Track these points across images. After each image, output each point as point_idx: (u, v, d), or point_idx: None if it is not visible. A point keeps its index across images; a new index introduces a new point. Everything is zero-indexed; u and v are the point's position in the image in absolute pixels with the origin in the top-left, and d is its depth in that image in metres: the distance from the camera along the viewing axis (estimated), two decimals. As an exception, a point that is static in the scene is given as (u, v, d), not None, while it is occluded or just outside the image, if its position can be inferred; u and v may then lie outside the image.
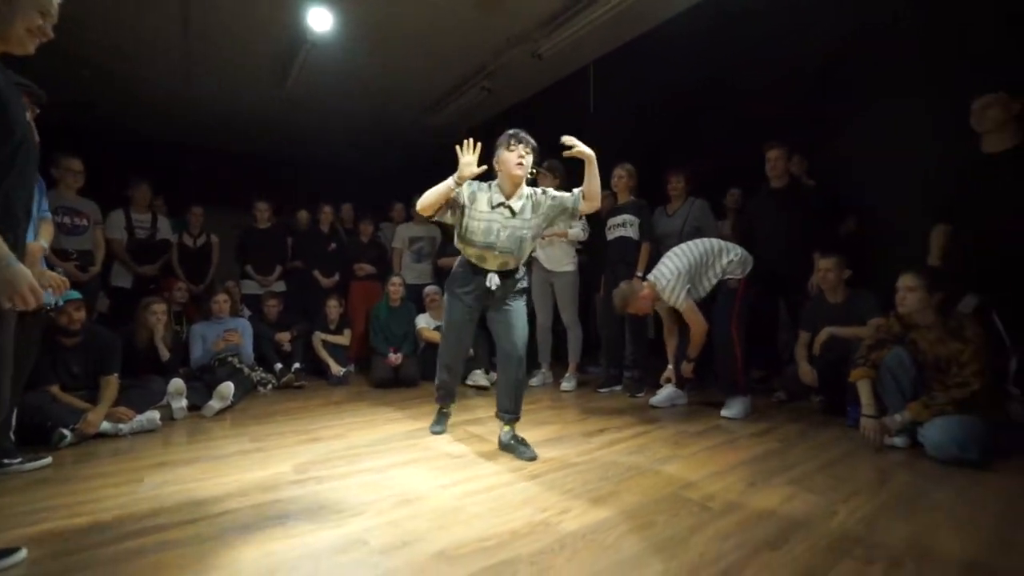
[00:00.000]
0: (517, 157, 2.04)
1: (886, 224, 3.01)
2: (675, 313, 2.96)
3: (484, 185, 2.15)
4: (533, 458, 2.04)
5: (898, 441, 2.12)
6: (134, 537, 1.39)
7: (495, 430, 2.41)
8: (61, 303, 2.05)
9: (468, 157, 2.01)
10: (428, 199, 2.05)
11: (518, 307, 2.20)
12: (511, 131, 2.09)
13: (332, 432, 2.51)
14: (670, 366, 3.04)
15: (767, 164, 3.08)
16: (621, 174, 3.48)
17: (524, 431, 2.31)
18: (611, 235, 3.53)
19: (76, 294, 2.46)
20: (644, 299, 2.72)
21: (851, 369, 2.27)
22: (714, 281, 2.79)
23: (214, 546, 1.34)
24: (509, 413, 2.19)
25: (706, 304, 2.84)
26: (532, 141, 2.09)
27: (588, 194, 2.09)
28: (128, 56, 4.31)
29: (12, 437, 2.02)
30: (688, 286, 2.70)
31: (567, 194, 2.15)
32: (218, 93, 5.06)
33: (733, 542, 1.34)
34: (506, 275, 2.18)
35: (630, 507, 1.57)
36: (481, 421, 2.71)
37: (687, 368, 2.87)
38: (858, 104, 3.28)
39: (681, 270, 2.70)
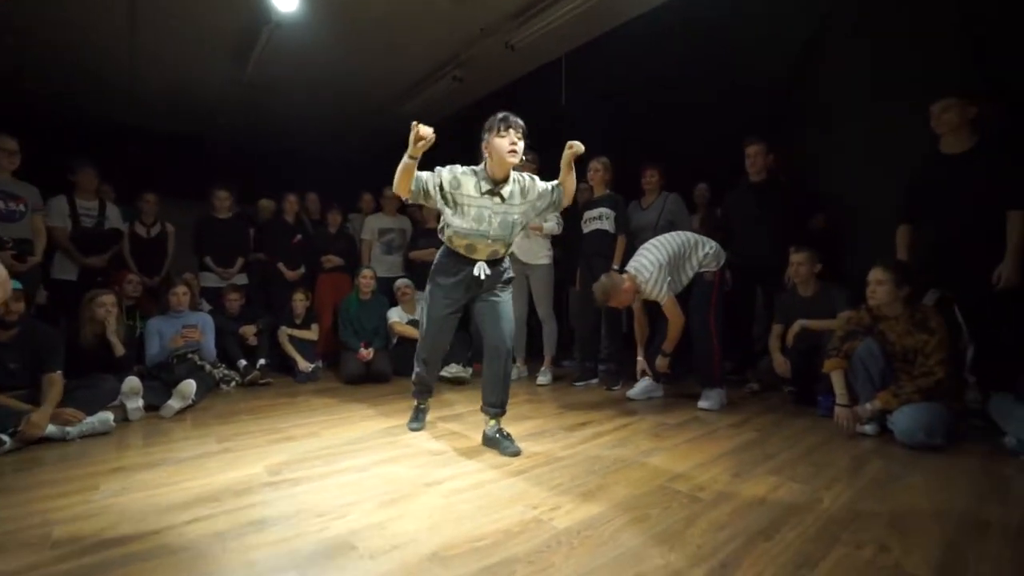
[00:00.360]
0: (509, 144, 1.94)
1: (853, 220, 3.13)
2: (647, 306, 2.98)
3: (467, 170, 2.06)
4: (517, 453, 2.00)
5: (869, 429, 2.20)
6: (93, 551, 1.27)
7: (475, 425, 2.38)
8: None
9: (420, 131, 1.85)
10: (396, 179, 1.96)
11: (505, 298, 2.16)
12: (501, 115, 2.00)
13: (305, 431, 2.39)
14: (640, 358, 3.04)
15: (747, 159, 3.13)
16: (597, 167, 3.47)
17: (505, 426, 2.27)
18: (587, 228, 3.52)
19: (18, 284, 2.27)
20: (626, 292, 2.71)
21: (824, 360, 2.34)
22: (691, 274, 2.83)
23: (186, 557, 1.23)
24: (495, 407, 2.14)
25: (681, 297, 2.87)
26: (523, 125, 2.00)
27: (567, 191, 2.10)
28: (66, 22, 3.96)
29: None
30: (669, 279, 2.72)
31: (549, 185, 2.13)
32: (172, 71, 4.73)
33: (727, 533, 1.34)
34: (494, 263, 2.12)
35: (621, 500, 1.55)
36: (460, 416, 2.66)
37: (662, 363, 2.88)
38: (825, 102, 3.39)
39: (662, 262, 2.71)
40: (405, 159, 1.91)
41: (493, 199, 2.02)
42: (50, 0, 3.63)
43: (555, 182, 2.12)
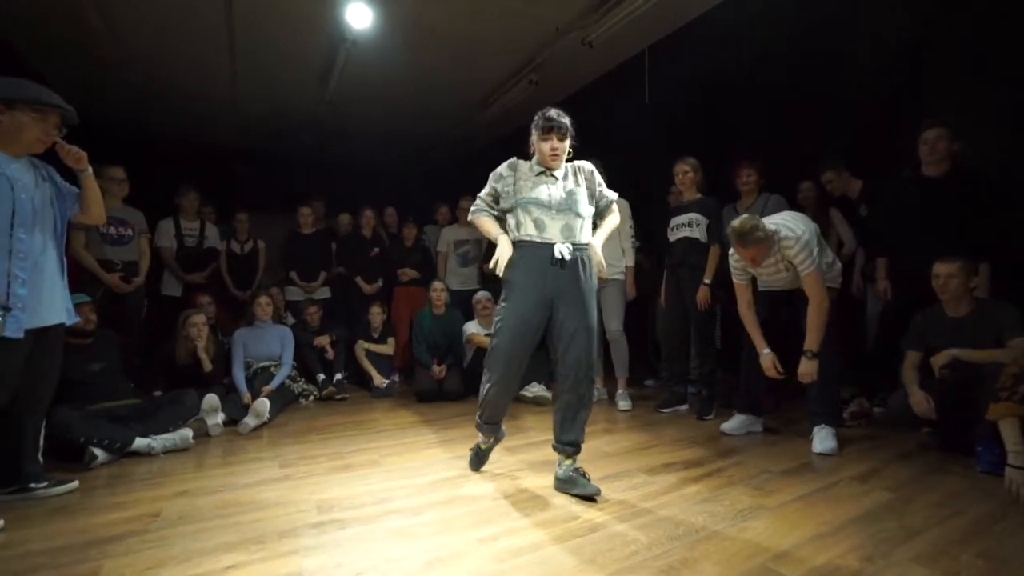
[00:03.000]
0: (550, 150, 1.87)
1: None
2: (753, 287, 2.56)
3: (521, 160, 2.01)
4: (596, 492, 1.77)
5: (1062, 501, 1.65)
6: (127, 599, 1.22)
7: (549, 458, 2.15)
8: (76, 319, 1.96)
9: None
10: (479, 226, 2.02)
11: (591, 309, 1.87)
12: (544, 114, 1.88)
13: (366, 458, 2.31)
14: (766, 351, 2.45)
15: (922, 146, 2.54)
16: (685, 169, 3.09)
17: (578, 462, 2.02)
18: (674, 235, 3.15)
19: (86, 297, 2.54)
20: (760, 245, 2.21)
21: (988, 402, 1.81)
22: None
23: (208, 621, 1.14)
24: (571, 446, 1.88)
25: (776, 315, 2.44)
26: (565, 123, 1.88)
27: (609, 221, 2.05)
28: (174, 64, 4.35)
29: (40, 459, 1.93)
30: (818, 250, 2.25)
31: (607, 191, 2.04)
32: (262, 98, 5.07)
33: (862, 659, 0.99)
34: (579, 247, 1.88)
35: (712, 588, 1.24)
36: (534, 447, 2.44)
37: (809, 368, 2.27)
38: (966, 75, 2.73)
39: (811, 230, 2.26)
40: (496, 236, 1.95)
41: (548, 179, 1.93)
42: (160, 39, 3.99)
43: (612, 197, 2.06)
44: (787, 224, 2.30)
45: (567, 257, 1.82)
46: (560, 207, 1.87)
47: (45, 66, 4.18)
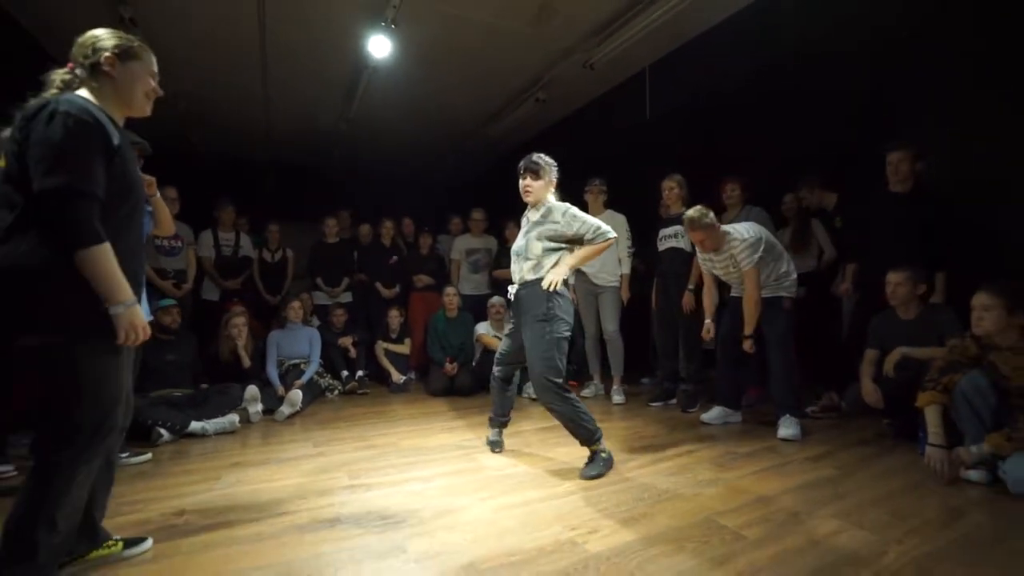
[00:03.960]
0: (523, 187, 2.28)
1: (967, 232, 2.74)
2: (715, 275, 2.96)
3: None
4: (590, 477, 2.04)
5: (975, 475, 1.93)
6: (208, 531, 1.60)
7: (544, 444, 2.51)
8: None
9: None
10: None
11: (533, 338, 2.15)
12: (523, 159, 2.28)
13: (387, 440, 2.68)
14: (708, 320, 2.98)
15: (888, 166, 2.86)
16: (671, 185, 3.42)
17: (568, 449, 2.36)
18: (662, 246, 3.48)
19: (172, 301, 3.07)
20: (710, 233, 2.66)
21: (919, 392, 2.10)
22: (769, 282, 2.69)
23: (272, 545, 1.50)
24: (580, 442, 2.17)
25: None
26: (536, 164, 2.25)
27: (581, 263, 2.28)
28: (213, 91, 4.82)
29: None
30: (760, 254, 2.63)
31: (586, 226, 2.20)
32: (290, 118, 5.52)
33: (762, 576, 1.31)
34: (523, 287, 2.24)
35: (660, 532, 1.57)
36: (531, 432, 2.78)
37: (747, 344, 2.72)
38: (933, 97, 3.01)
39: (761, 236, 2.67)
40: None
41: (525, 225, 2.33)
42: (202, 69, 4.44)
43: (584, 222, 2.22)
44: (738, 228, 2.70)
45: (512, 296, 2.28)
46: (515, 252, 2.31)
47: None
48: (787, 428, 2.55)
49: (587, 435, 2.13)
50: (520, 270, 2.26)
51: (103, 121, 1.20)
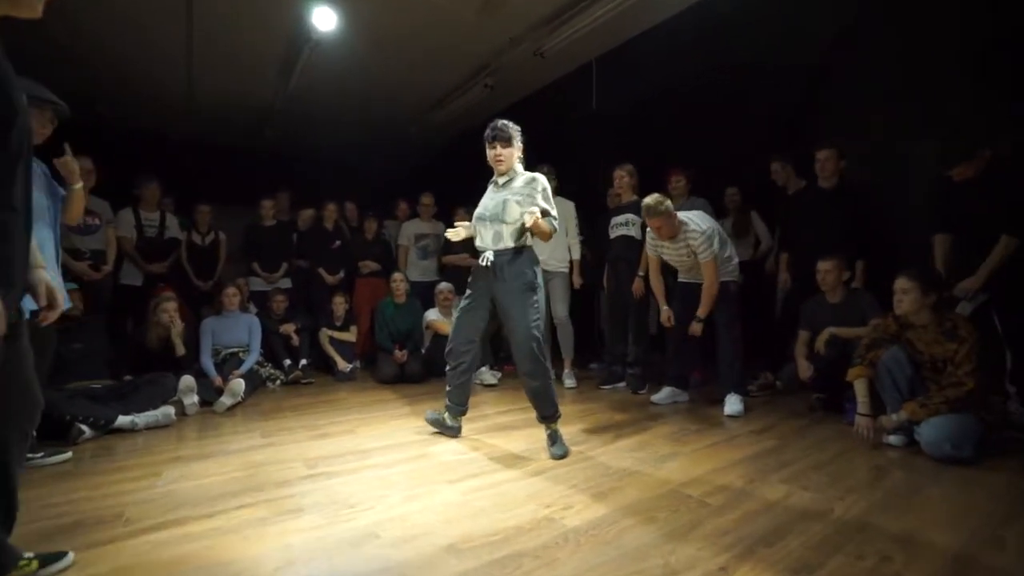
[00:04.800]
0: (494, 155, 2.22)
1: (883, 226, 3.05)
2: (661, 261, 3.08)
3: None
4: (559, 456, 2.07)
5: (894, 440, 2.17)
6: (157, 530, 1.46)
7: (502, 428, 2.53)
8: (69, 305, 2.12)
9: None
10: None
11: (521, 307, 2.14)
12: (491, 125, 2.22)
13: (341, 428, 2.57)
14: (665, 307, 3.08)
15: (816, 163, 3.07)
16: (622, 174, 3.52)
17: (527, 432, 2.39)
18: (614, 233, 3.57)
19: (73, 284, 2.75)
20: (668, 221, 2.73)
21: (849, 368, 2.32)
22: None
23: (234, 539, 1.40)
24: (541, 416, 2.19)
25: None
26: (506, 131, 2.20)
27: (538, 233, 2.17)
28: (131, 52, 4.33)
29: (33, 432, 2.07)
30: (716, 247, 2.76)
31: (540, 202, 2.20)
32: (222, 90, 5.08)
33: (730, 538, 1.39)
34: (501, 253, 2.19)
35: (631, 503, 1.62)
36: (487, 417, 2.77)
37: (697, 328, 2.84)
38: (856, 103, 3.31)
39: (715, 228, 2.79)
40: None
41: (492, 190, 2.30)
42: (115, 30, 3.98)
43: (552, 206, 2.24)
44: (694, 220, 2.81)
45: (488, 263, 2.19)
46: (491, 216, 2.20)
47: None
48: (732, 405, 2.72)
49: (553, 410, 2.18)
50: (496, 235, 2.20)
51: None
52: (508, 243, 2.19)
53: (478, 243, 2.29)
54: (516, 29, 4.34)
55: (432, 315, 4.12)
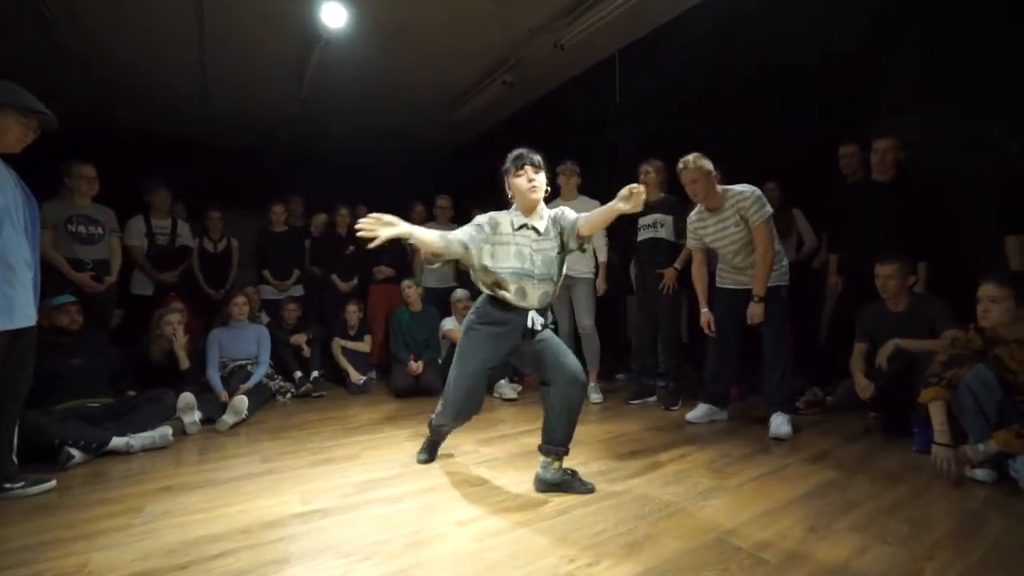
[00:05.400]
0: (527, 181, 1.84)
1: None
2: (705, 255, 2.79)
3: (502, 212, 1.94)
4: (592, 491, 1.83)
5: (981, 475, 1.84)
6: (120, 587, 1.27)
7: (521, 449, 2.28)
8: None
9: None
10: (599, 224, 1.84)
11: (554, 336, 1.96)
12: (514, 154, 1.88)
13: (346, 451, 2.37)
14: (704, 310, 2.77)
15: (873, 155, 2.75)
16: (648, 170, 3.24)
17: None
18: (641, 236, 3.30)
19: (71, 297, 2.62)
20: (711, 181, 2.51)
21: (921, 387, 2.00)
22: None
23: (201, 603, 1.20)
24: (561, 447, 1.88)
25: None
26: (538, 157, 1.88)
27: (591, 224, 1.83)
28: (142, 58, 4.27)
29: (15, 459, 1.94)
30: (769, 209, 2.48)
31: (572, 213, 1.93)
32: (234, 93, 5.00)
33: (799, 613, 1.12)
34: (544, 312, 1.94)
35: (671, 557, 1.36)
36: (505, 439, 2.54)
37: (757, 311, 2.49)
38: (910, 89, 2.96)
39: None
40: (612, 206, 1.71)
41: (528, 235, 1.88)
42: (127, 34, 3.90)
43: (582, 215, 1.88)
44: (742, 185, 2.54)
45: (539, 327, 1.88)
46: (540, 276, 1.86)
47: None
48: (780, 427, 2.42)
49: (569, 441, 1.90)
50: (544, 295, 1.90)
51: None
52: (551, 296, 1.95)
53: (514, 300, 1.86)
54: (536, 19, 4.12)
55: (449, 324, 3.91)
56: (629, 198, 1.64)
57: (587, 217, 1.84)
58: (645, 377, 3.37)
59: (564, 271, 1.97)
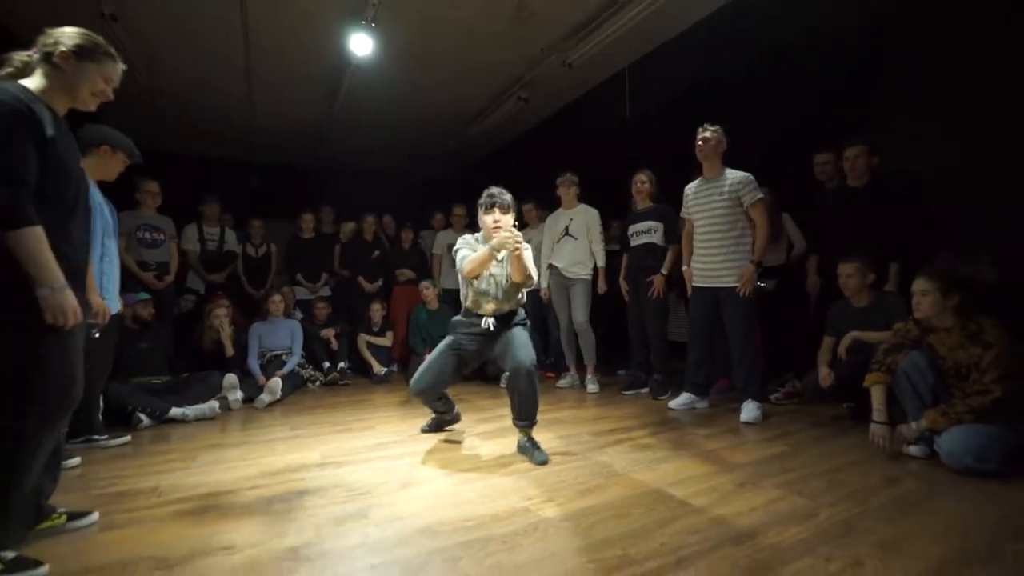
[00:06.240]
0: (492, 222, 2.21)
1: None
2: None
3: (476, 236, 2.34)
4: (544, 462, 2.07)
5: (915, 450, 2.05)
6: (182, 502, 1.67)
7: (511, 429, 2.58)
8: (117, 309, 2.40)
9: (506, 234, 2.08)
10: (473, 266, 2.17)
11: (518, 332, 2.26)
12: (486, 194, 2.24)
13: (363, 424, 2.76)
14: (685, 268, 3.09)
15: (845, 162, 2.97)
16: (643, 179, 3.53)
17: (537, 430, 2.42)
18: (634, 242, 3.57)
19: (146, 295, 3.12)
20: (720, 145, 2.91)
21: (867, 373, 2.21)
22: (733, 269, 2.81)
23: (240, 513, 1.58)
24: (524, 421, 2.22)
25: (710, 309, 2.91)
26: (505, 199, 2.23)
27: (515, 272, 2.19)
28: (198, 89, 4.87)
29: (101, 418, 2.41)
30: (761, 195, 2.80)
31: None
32: (274, 116, 5.57)
33: (699, 536, 1.40)
34: (502, 317, 2.29)
35: (611, 500, 1.66)
36: (500, 418, 2.86)
37: (748, 272, 2.74)
38: (892, 102, 3.14)
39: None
40: (487, 252, 2.12)
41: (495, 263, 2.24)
42: (184, 63, 4.48)
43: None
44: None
45: (492, 328, 2.26)
46: (500, 299, 2.26)
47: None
48: (749, 412, 2.66)
49: (535, 417, 2.21)
50: (502, 309, 2.30)
51: (37, 111, 1.22)
52: (504, 308, 2.29)
53: (471, 304, 2.32)
54: (547, 39, 4.46)
55: (463, 321, 4.27)
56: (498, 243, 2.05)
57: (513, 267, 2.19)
58: (639, 370, 3.63)
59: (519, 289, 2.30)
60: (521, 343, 2.21)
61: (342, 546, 1.37)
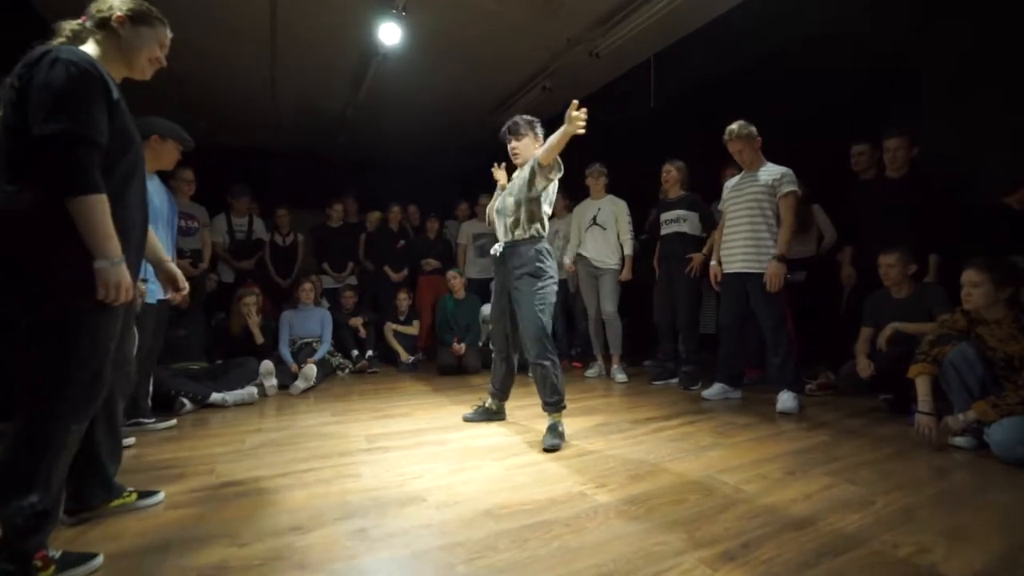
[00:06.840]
0: (511, 151, 2.38)
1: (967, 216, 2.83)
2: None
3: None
4: (549, 448, 2.05)
5: (962, 441, 2.04)
6: (239, 484, 1.71)
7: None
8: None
9: (577, 112, 2.00)
10: (554, 145, 2.12)
11: (525, 293, 2.24)
12: (506, 124, 2.38)
13: (401, 411, 2.79)
14: (713, 263, 3.09)
15: (886, 153, 2.93)
16: (670, 169, 3.51)
17: (573, 420, 2.46)
18: (665, 230, 3.56)
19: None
20: (752, 146, 2.84)
21: (911, 364, 2.20)
22: (762, 257, 2.80)
23: (301, 494, 1.61)
24: (546, 405, 2.26)
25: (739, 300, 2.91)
26: (515, 125, 2.35)
27: (546, 151, 2.17)
28: (222, 77, 4.88)
29: (149, 402, 2.45)
30: (795, 188, 2.78)
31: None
32: (299, 103, 5.57)
33: (759, 521, 1.42)
34: (509, 246, 2.36)
35: (666, 485, 1.68)
36: (539, 405, 2.88)
37: (775, 268, 2.71)
38: (925, 90, 3.09)
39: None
40: (565, 129, 2.04)
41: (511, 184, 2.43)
42: (210, 47, 4.48)
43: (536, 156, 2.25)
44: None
45: (497, 252, 2.39)
46: (500, 210, 2.42)
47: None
48: (785, 402, 2.65)
49: (558, 399, 2.23)
50: (504, 229, 2.39)
51: (104, 73, 1.19)
52: (510, 235, 2.35)
53: (496, 232, 2.49)
54: (573, 29, 4.42)
55: (489, 310, 4.29)
56: (573, 120, 1.99)
57: (543, 146, 2.19)
58: (668, 360, 3.63)
59: (515, 210, 2.33)
60: (525, 312, 2.24)
61: (408, 526, 1.39)
